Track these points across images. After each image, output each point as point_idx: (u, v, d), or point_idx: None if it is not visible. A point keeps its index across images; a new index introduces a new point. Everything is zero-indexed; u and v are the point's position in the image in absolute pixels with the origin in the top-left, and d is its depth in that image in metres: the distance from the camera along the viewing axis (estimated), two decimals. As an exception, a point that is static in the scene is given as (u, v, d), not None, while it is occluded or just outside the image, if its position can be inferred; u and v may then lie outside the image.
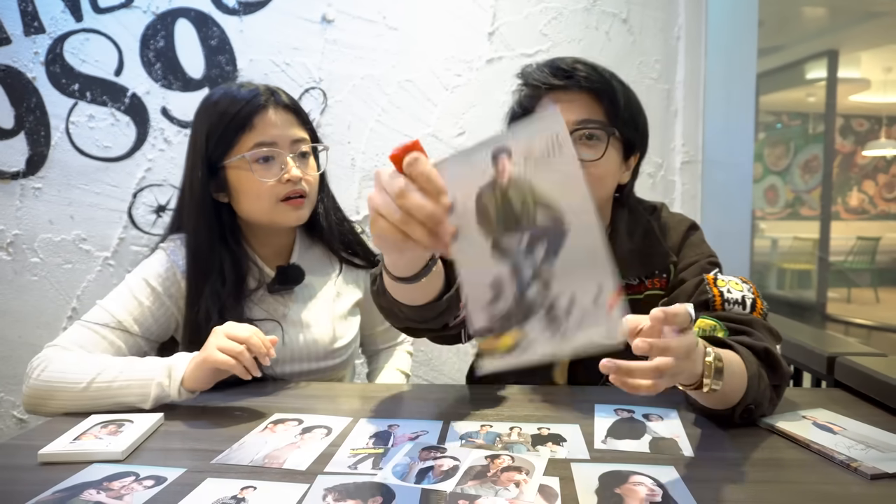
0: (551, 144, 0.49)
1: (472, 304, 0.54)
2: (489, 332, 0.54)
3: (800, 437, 0.75)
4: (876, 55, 5.60)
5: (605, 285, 0.49)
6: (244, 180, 1.03)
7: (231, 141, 1.02)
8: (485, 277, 0.53)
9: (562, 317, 0.52)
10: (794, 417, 0.83)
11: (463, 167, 0.53)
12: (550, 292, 0.51)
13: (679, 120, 1.96)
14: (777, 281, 5.93)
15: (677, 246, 1.00)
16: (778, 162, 6.07)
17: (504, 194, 0.52)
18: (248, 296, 1.07)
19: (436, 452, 0.73)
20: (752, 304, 0.89)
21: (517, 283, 0.53)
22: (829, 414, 0.85)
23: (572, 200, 0.50)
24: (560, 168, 0.50)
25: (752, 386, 0.75)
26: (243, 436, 0.80)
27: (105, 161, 1.77)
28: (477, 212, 0.53)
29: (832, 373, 1.03)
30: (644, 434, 0.79)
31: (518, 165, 0.51)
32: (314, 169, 1.09)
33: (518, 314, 0.53)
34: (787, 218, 6.27)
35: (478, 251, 0.53)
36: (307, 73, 1.84)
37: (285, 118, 1.05)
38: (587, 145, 0.92)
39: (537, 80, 0.94)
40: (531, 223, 0.51)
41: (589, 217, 0.49)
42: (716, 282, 0.91)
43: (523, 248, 0.52)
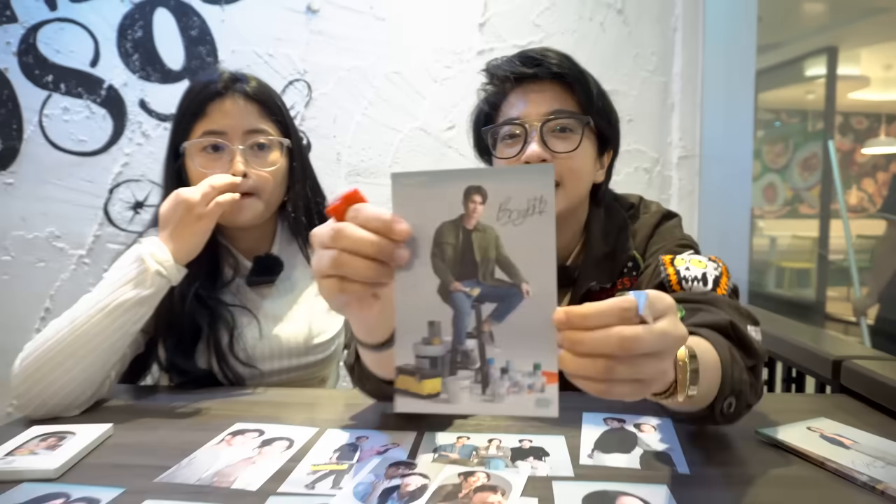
0: (533, 203, 0.47)
1: (401, 337, 0.50)
2: (412, 374, 0.50)
3: (811, 453, 0.69)
4: (876, 52, 5.55)
5: (545, 362, 0.47)
6: (192, 170, 0.98)
7: (187, 127, 0.98)
8: (423, 315, 0.49)
9: (495, 378, 0.48)
10: (798, 429, 0.76)
11: (430, 192, 0.49)
12: (487, 351, 0.49)
13: (676, 114, 1.89)
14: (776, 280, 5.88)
15: (647, 237, 0.92)
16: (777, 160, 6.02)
17: (467, 238, 0.49)
18: (224, 286, 1.02)
19: (404, 469, 0.67)
20: (716, 281, 0.78)
21: (455, 332, 0.49)
22: (835, 424, 0.78)
23: (538, 269, 0.47)
24: (535, 232, 0.47)
25: (727, 374, 0.63)
26: (196, 449, 0.73)
27: (80, 155, 1.71)
28: (434, 245, 0.49)
29: (838, 377, 0.96)
30: (635, 447, 0.72)
31: (490, 212, 0.48)
32: (274, 164, 1.01)
33: (448, 363, 0.50)
34: (785, 216, 6.21)
35: (423, 285, 0.49)
36: (291, 65, 1.77)
37: (244, 108, 0.98)
38: (560, 137, 0.86)
39: (505, 72, 0.88)
40: (487, 277, 0.49)
41: (549, 291, 0.47)
42: (673, 261, 0.82)
43: (472, 299, 0.49)
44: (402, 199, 0.49)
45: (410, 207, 0.49)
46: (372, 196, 1.54)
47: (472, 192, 0.48)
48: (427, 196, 0.48)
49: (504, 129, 0.88)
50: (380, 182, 1.80)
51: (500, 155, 0.89)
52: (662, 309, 0.47)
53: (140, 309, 0.84)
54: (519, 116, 0.86)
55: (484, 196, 0.47)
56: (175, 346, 0.96)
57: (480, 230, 0.48)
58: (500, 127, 0.88)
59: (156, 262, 0.84)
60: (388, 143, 1.80)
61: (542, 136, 0.84)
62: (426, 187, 0.49)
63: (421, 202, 0.49)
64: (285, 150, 1.03)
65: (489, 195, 0.47)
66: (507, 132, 0.88)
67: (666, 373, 0.49)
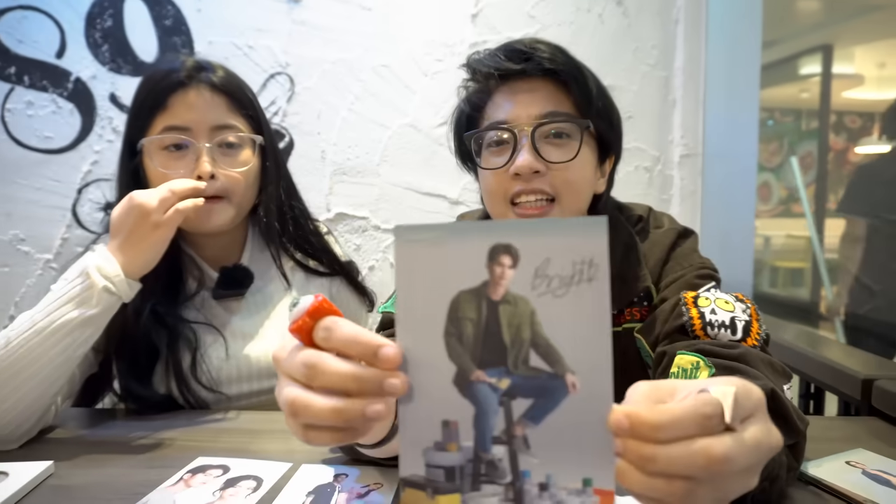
0: (581, 268, 0.36)
1: (408, 442, 0.38)
2: (422, 488, 0.37)
3: (859, 496, 0.60)
4: (870, 50, 5.52)
5: (598, 478, 0.36)
6: (151, 170, 0.87)
7: (145, 122, 0.87)
8: (435, 412, 0.38)
9: (532, 496, 0.36)
10: (837, 464, 0.67)
11: (444, 252, 0.37)
12: (521, 461, 0.37)
13: (678, 110, 1.81)
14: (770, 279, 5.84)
15: (661, 261, 0.80)
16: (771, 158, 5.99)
17: (492, 313, 0.37)
18: (187, 300, 0.92)
19: (388, 518, 0.57)
20: (746, 329, 0.68)
21: (478, 436, 0.37)
22: (877, 458, 0.70)
23: (587, 355, 0.36)
24: (583, 305, 0.36)
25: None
26: (149, 491, 0.63)
27: (46, 153, 1.60)
28: (448, 322, 0.37)
29: (867, 398, 0.88)
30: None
31: (523, 278, 0.36)
32: (245, 163, 0.91)
33: (470, 476, 0.37)
34: (780, 215, 6.18)
35: (435, 375, 0.37)
36: (272, 57, 1.67)
37: (211, 100, 0.88)
38: (555, 144, 0.73)
39: (489, 68, 0.75)
40: (519, 365, 0.37)
41: (603, 385, 0.35)
42: (696, 301, 0.71)
43: (499, 392, 0.37)
44: (407, 261, 0.38)
45: (418, 270, 0.38)
46: (359, 197, 1.42)
47: (499, 251, 0.37)
48: (440, 257, 0.37)
49: (489, 134, 0.76)
50: (367, 181, 1.71)
51: (485, 164, 0.76)
52: (751, 408, 0.36)
53: (85, 330, 0.74)
54: (506, 120, 0.74)
55: (515, 257, 0.37)
56: (129, 369, 0.86)
57: (511, 303, 0.37)
58: (485, 132, 0.76)
59: (103, 278, 0.73)
60: (375, 141, 1.71)
61: (533, 142, 0.72)
62: (439, 245, 0.37)
63: (432, 264, 0.38)
64: (258, 149, 0.93)
65: (522, 256, 0.37)
66: (494, 138, 0.75)
67: (751, 487, 0.38)
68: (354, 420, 0.37)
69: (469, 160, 0.82)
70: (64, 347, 0.73)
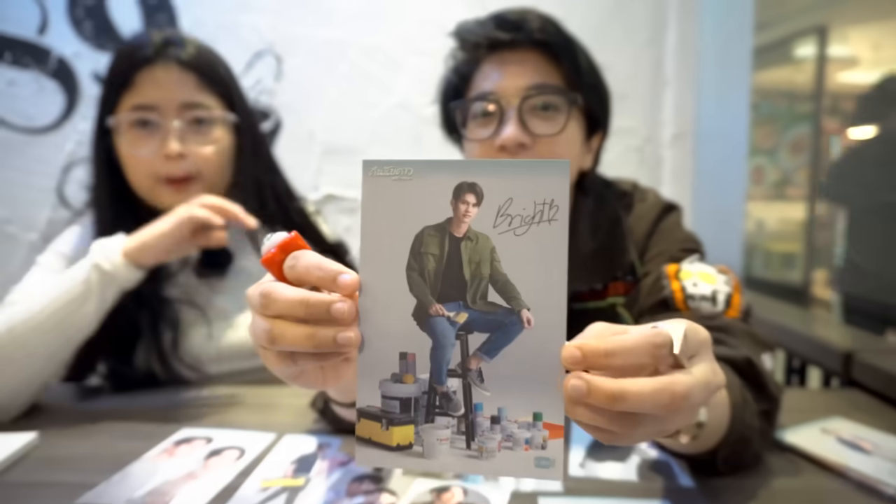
0: (542, 208, 0.37)
1: (365, 374, 0.38)
2: (377, 419, 0.38)
3: (831, 461, 0.61)
4: (864, 32, 5.50)
5: (549, 412, 0.36)
6: (122, 149, 0.86)
7: (113, 99, 0.85)
8: (393, 344, 0.38)
9: (484, 429, 0.37)
10: (812, 431, 0.68)
11: (410, 187, 0.38)
12: (475, 394, 0.38)
13: (669, 89, 1.80)
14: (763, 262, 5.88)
15: (646, 235, 0.80)
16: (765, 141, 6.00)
17: (454, 248, 0.38)
18: (168, 278, 0.91)
19: (369, 484, 0.58)
20: (727, 300, 0.68)
21: (434, 369, 0.38)
22: (852, 426, 0.71)
23: (543, 293, 0.37)
24: (542, 245, 0.37)
25: (737, 416, 0.55)
26: (132, 462, 0.63)
27: (29, 133, 1.58)
28: (411, 256, 0.38)
29: (847, 371, 0.89)
30: (631, 454, 0.64)
31: (486, 216, 0.37)
32: (217, 142, 0.89)
33: (424, 408, 0.38)
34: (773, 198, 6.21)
35: (394, 307, 0.38)
36: (258, 36, 1.65)
37: (179, 77, 0.85)
38: (542, 117, 0.72)
39: (478, 37, 0.74)
40: (477, 300, 0.38)
41: (557, 322, 0.36)
42: (678, 273, 0.71)
43: (456, 326, 0.38)
44: (373, 194, 0.38)
45: (384, 205, 0.38)
46: (348, 177, 1.41)
47: (464, 189, 0.37)
48: (406, 192, 0.38)
49: (476, 105, 0.75)
50: (356, 161, 1.69)
51: (471, 136, 0.76)
52: (697, 346, 0.37)
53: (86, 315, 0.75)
54: (493, 91, 0.73)
55: (479, 196, 0.37)
56: (111, 347, 0.86)
57: (472, 239, 0.38)
58: (472, 103, 0.75)
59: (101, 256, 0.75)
60: (364, 120, 1.70)
61: (520, 114, 0.71)
62: (406, 180, 0.38)
63: (398, 199, 0.38)
64: (231, 127, 0.91)
65: (486, 195, 0.37)
66: (480, 109, 0.74)
67: (692, 422, 0.39)
68: (326, 345, 0.37)
69: (455, 131, 0.81)
70: (64, 329, 0.74)
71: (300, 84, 1.68)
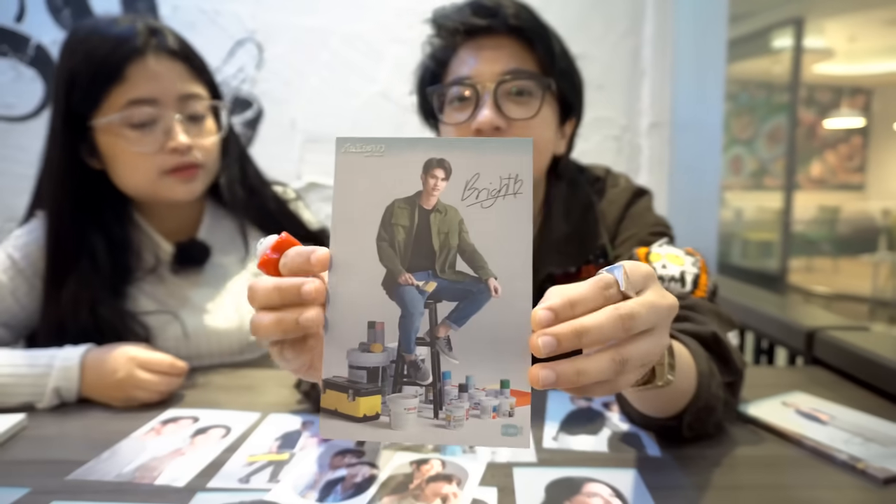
0: (507, 182, 0.39)
1: (333, 343, 0.39)
2: (343, 389, 0.39)
3: (788, 431, 0.65)
4: (840, 23, 5.57)
5: (515, 379, 0.38)
6: (117, 148, 0.82)
7: (98, 95, 0.81)
8: (361, 313, 0.39)
9: (451, 398, 0.38)
10: (773, 405, 0.72)
11: (381, 163, 0.40)
12: (443, 363, 0.39)
13: (647, 79, 1.83)
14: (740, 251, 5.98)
15: (617, 220, 0.83)
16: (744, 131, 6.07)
17: (423, 220, 0.40)
18: (142, 278, 0.89)
19: (351, 458, 0.60)
20: (694, 281, 0.71)
21: (402, 337, 0.39)
22: (811, 399, 0.75)
23: (509, 262, 0.38)
24: (507, 217, 0.38)
25: (703, 385, 0.58)
26: (120, 440, 0.65)
27: (8, 121, 1.57)
28: (382, 227, 0.39)
29: (811, 349, 0.93)
30: (603, 428, 0.67)
31: (454, 190, 0.39)
32: (212, 132, 0.88)
33: (392, 377, 0.39)
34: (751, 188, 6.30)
35: (364, 276, 0.39)
36: (240, 23, 1.65)
37: (171, 68, 0.83)
38: (517, 102, 0.74)
39: (455, 23, 0.76)
40: (446, 269, 0.39)
41: (523, 290, 0.38)
42: (648, 256, 0.74)
43: (425, 295, 0.39)
44: (346, 170, 0.40)
45: (356, 180, 0.39)
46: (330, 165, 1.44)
47: (433, 165, 0.39)
48: (378, 167, 0.40)
49: (452, 89, 0.76)
50: (339, 150, 1.70)
51: (447, 120, 0.77)
52: (642, 280, 0.40)
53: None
54: (470, 76, 0.75)
55: (447, 171, 0.39)
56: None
57: (441, 212, 0.39)
58: (448, 87, 0.77)
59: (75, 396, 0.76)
60: (346, 108, 1.71)
61: (495, 99, 0.73)
62: (377, 156, 0.40)
63: (370, 174, 0.39)
64: (222, 116, 0.91)
65: (454, 170, 0.39)
66: (456, 94, 0.76)
67: (664, 348, 0.42)
68: (290, 329, 0.39)
69: (432, 117, 0.83)
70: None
71: (282, 72, 1.68)
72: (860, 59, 6.23)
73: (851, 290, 5.09)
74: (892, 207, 5.97)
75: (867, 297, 4.90)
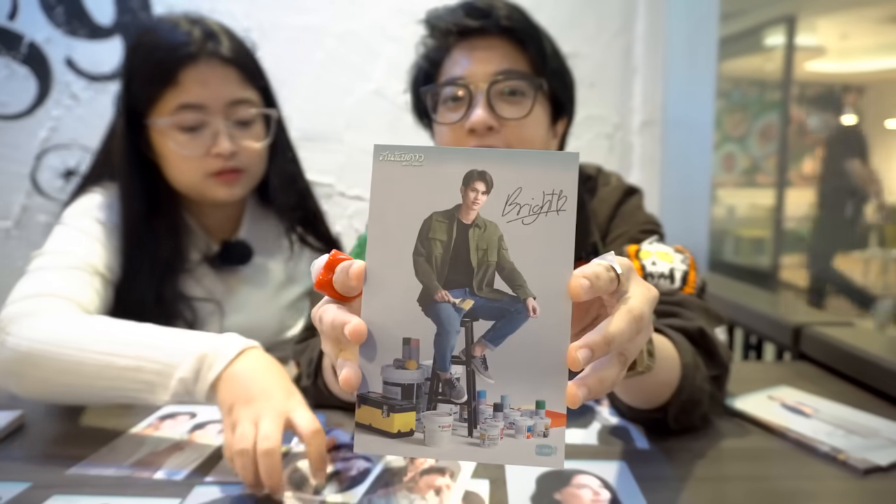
0: (550, 198, 0.37)
1: (368, 359, 0.38)
2: (378, 405, 0.38)
3: (773, 423, 0.66)
4: (832, 21, 5.61)
5: (551, 400, 0.37)
6: (166, 148, 0.85)
7: (152, 96, 0.84)
8: (396, 330, 0.38)
9: (486, 417, 0.37)
10: (758, 398, 0.74)
11: (420, 173, 0.38)
12: (478, 382, 0.38)
13: (639, 77, 1.85)
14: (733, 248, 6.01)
15: (608, 218, 0.84)
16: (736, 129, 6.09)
17: (462, 235, 0.38)
18: (190, 269, 0.92)
19: (346, 452, 0.62)
20: (683, 278, 0.72)
21: (437, 355, 0.38)
22: (796, 393, 0.76)
23: (549, 283, 0.37)
24: (549, 235, 0.37)
25: (688, 377, 0.60)
26: (119, 436, 0.66)
27: (1, 119, 1.57)
28: (419, 241, 0.38)
29: (797, 344, 0.95)
30: (593, 422, 0.69)
31: (495, 204, 0.38)
32: (259, 138, 0.90)
33: (427, 395, 0.38)
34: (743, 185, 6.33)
35: (400, 292, 0.38)
36: (234, 22, 1.62)
37: (223, 74, 0.85)
38: (509, 101, 0.75)
39: (448, 24, 0.77)
40: (484, 287, 0.38)
41: (562, 312, 0.37)
42: (638, 253, 0.75)
43: (462, 313, 0.38)
44: (383, 179, 0.38)
45: (393, 190, 0.38)
46: (324, 163, 1.44)
47: (473, 177, 0.38)
48: (416, 178, 0.38)
49: (446, 89, 0.78)
50: (332, 148, 1.71)
51: (441, 119, 0.79)
52: (628, 271, 0.41)
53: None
54: (463, 76, 0.76)
55: (489, 184, 0.38)
56: None
57: (480, 227, 0.38)
58: (442, 87, 0.78)
59: (204, 397, 0.61)
60: (340, 107, 1.71)
61: (488, 99, 0.74)
62: (416, 166, 0.38)
63: (408, 185, 0.38)
64: (272, 122, 0.92)
65: (495, 183, 0.38)
66: (450, 93, 0.77)
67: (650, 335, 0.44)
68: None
69: (426, 116, 0.84)
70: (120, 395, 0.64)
71: (276, 71, 1.67)
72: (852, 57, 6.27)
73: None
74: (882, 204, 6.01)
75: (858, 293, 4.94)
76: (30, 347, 0.64)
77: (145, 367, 0.62)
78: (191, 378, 0.60)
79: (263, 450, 0.51)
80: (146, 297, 0.85)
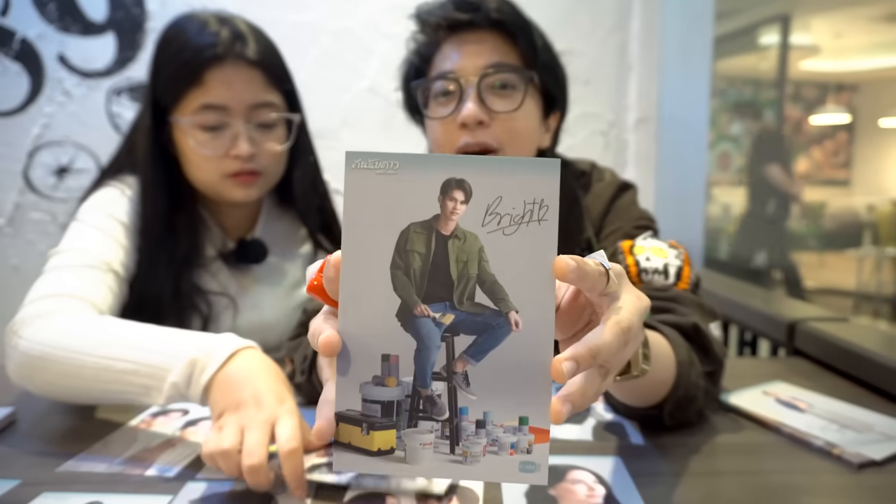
0: (532, 208, 0.36)
1: (345, 376, 0.37)
2: (357, 423, 0.37)
3: (767, 418, 0.66)
4: (826, 20, 5.63)
5: (535, 416, 0.36)
6: (187, 146, 0.86)
7: (177, 94, 0.84)
8: (375, 345, 0.37)
9: (468, 433, 0.36)
10: (753, 394, 0.74)
11: (395, 182, 0.36)
12: (460, 398, 0.37)
13: (633, 75, 1.85)
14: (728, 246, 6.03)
15: (602, 214, 0.84)
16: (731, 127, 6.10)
17: (441, 247, 0.37)
18: (205, 265, 0.93)
19: (340, 448, 0.61)
20: (677, 273, 0.72)
21: (417, 371, 0.37)
22: (790, 388, 0.76)
23: (531, 295, 0.36)
24: (531, 245, 0.36)
25: (683, 374, 0.60)
26: (110, 433, 0.66)
27: (-6, 116, 1.56)
28: (396, 253, 0.36)
29: (792, 340, 0.95)
30: (587, 417, 0.69)
31: (474, 214, 0.36)
32: (280, 141, 0.89)
33: (407, 412, 0.37)
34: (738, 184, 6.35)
35: (377, 306, 0.37)
36: (228, 18, 1.64)
37: (248, 76, 0.84)
38: (500, 95, 0.75)
39: (437, 18, 0.77)
40: (464, 301, 0.37)
41: (545, 325, 0.36)
42: (632, 249, 0.75)
43: (442, 328, 0.37)
44: (356, 188, 0.36)
45: (368, 200, 0.36)
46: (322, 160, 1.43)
47: (452, 186, 0.36)
48: (391, 186, 0.36)
49: (436, 84, 0.77)
50: (327, 145, 1.69)
51: (432, 114, 0.78)
52: (619, 272, 0.41)
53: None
54: (453, 70, 0.76)
55: (468, 193, 0.36)
56: None
57: (460, 238, 0.36)
58: (432, 82, 0.78)
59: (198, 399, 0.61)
60: (335, 104, 1.71)
61: (479, 92, 0.74)
62: (391, 174, 0.36)
63: (382, 194, 0.36)
64: (294, 126, 0.91)
65: (475, 192, 0.36)
66: (440, 88, 0.77)
67: (638, 344, 0.43)
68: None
69: (417, 112, 0.84)
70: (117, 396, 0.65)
71: (270, 68, 1.68)
72: (846, 56, 6.29)
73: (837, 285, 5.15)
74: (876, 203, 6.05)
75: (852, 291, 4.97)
76: (39, 351, 0.65)
77: (140, 370, 0.62)
78: (182, 383, 0.60)
79: (248, 466, 0.50)
80: (163, 290, 0.86)
